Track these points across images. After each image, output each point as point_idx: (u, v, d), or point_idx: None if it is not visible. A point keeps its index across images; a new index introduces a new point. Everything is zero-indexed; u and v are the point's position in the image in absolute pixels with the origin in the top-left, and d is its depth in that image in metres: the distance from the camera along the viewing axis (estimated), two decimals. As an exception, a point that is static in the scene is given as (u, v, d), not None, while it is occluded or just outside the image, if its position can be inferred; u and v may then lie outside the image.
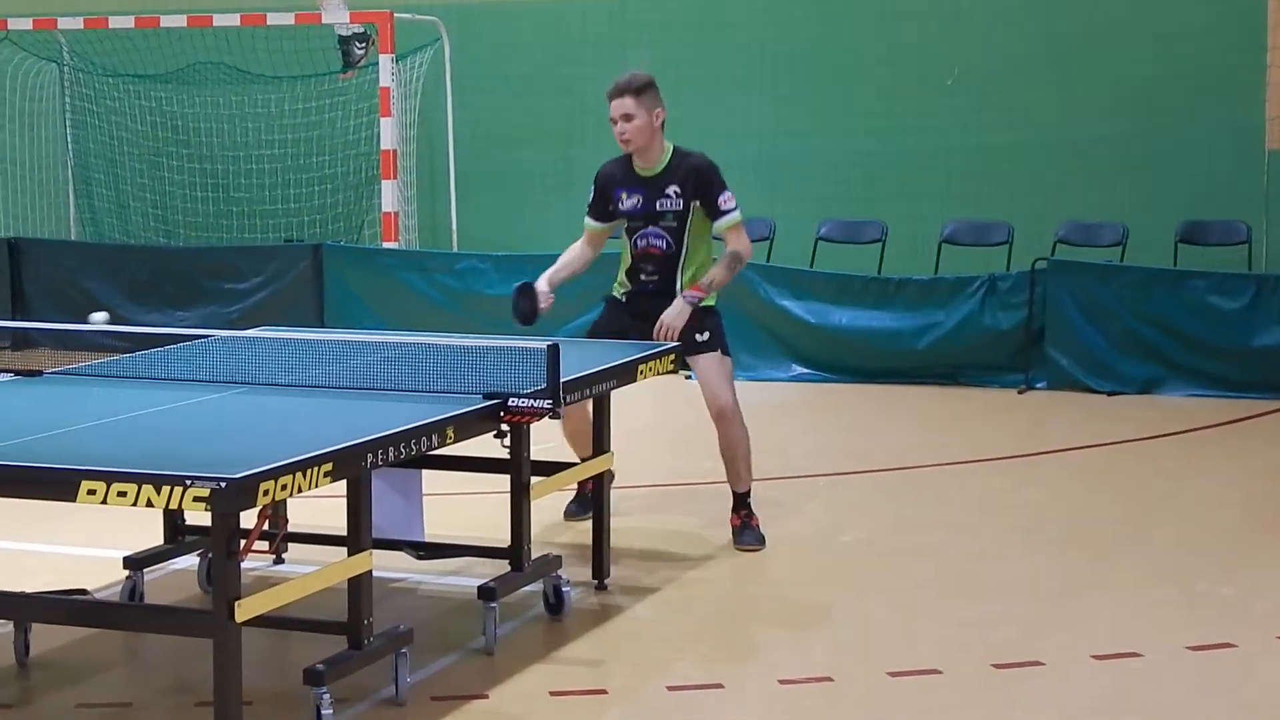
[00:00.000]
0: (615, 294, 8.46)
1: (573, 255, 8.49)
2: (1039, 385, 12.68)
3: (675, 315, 8.07)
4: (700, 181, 8.18)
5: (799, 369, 13.18)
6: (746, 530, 8.38)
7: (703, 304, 8.20)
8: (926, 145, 14.84)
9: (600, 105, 8.20)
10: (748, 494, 8.47)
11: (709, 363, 8.27)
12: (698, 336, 8.20)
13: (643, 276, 8.31)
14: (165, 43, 16.00)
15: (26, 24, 15.85)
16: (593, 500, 7.69)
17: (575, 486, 8.53)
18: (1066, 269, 12.82)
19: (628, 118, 8.10)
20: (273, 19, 15.06)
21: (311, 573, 6.09)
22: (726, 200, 8.19)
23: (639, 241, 8.26)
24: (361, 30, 15.25)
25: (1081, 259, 13.22)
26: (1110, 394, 12.43)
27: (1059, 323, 12.67)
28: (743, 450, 8.42)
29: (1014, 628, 7.15)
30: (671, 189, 8.16)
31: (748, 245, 8.32)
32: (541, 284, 8.25)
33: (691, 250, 8.25)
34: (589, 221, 8.45)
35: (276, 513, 7.13)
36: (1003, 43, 14.71)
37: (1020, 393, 12.61)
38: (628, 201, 8.24)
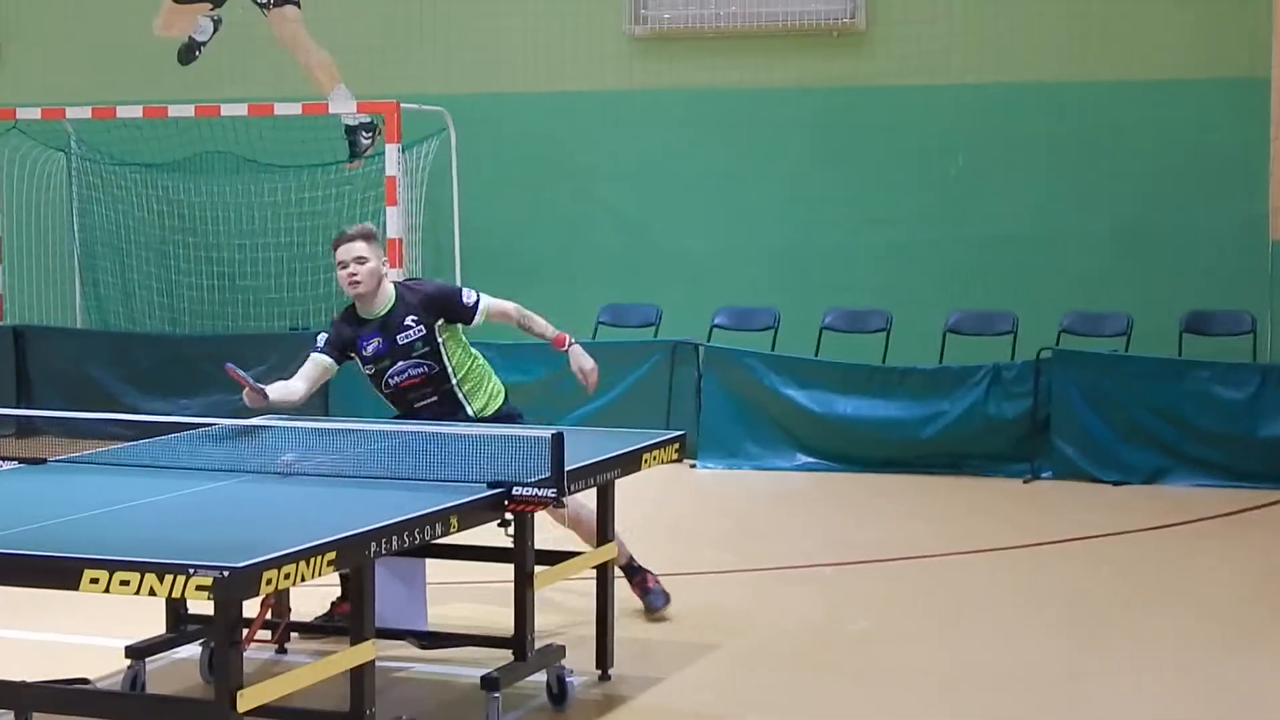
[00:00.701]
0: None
1: (287, 390, 8.25)
2: (1044, 475, 12.66)
3: (583, 356, 8.36)
4: (435, 301, 8.22)
5: (803, 458, 13.15)
6: (653, 594, 8.48)
7: (500, 409, 8.28)
8: (931, 235, 14.87)
9: (606, 195, 8.26)
10: (630, 560, 8.50)
11: None
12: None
13: (420, 405, 8.21)
14: (172, 132, 16.07)
15: (35, 113, 15.92)
16: (596, 590, 7.65)
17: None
18: (1071, 359, 12.82)
19: (360, 260, 8.08)
20: (280, 109, 15.13)
21: (314, 663, 6.07)
22: (469, 295, 8.29)
23: (393, 380, 8.20)
24: (368, 120, 15.32)
25: (1086, 349, 13.22)
26: (1116, 484, 12.40)
27: (1064, 412, 12.66)
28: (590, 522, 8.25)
29: (1019, 717, 7.10)
30: (408, 320, 8.15)
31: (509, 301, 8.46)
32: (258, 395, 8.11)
33: (457, 363, 8.25)
34: (321, 356, 8.25)
35: (279, 601, 7.11)
36: (1007, 133, 14.76)
37: (1026, 482, 12.59)
38: (369, 347, 8.19)
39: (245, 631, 5.58)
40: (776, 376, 13.22)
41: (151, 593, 5.15)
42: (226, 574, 5.08)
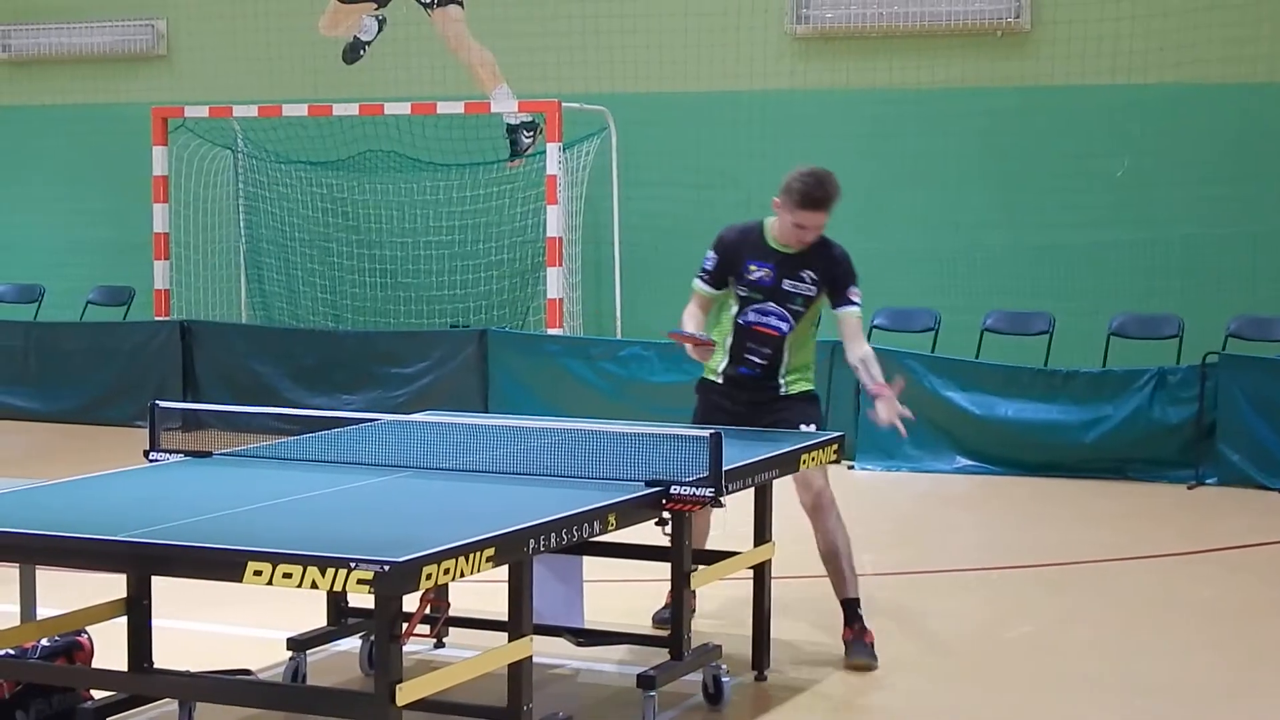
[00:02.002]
0: (710, 378, 8.11)
1: (691, 315, 8.05)
2: (1209, 481, 12.46)
3: (896, 408, 7.74)
4: (837, 271, 7.95)
5: (963, 460, 13.05)
6: (859, 646, 7.86)
7: (806, 391, 8.05)
8: (1095, 237, 14.70)
9: (767, 195, 8.11)
10: (856, 602, 7.97)
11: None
12: (803, 427, 7.99)
13: (751, 357, 7.97)
14: (337, 130, 16.27)
15: (203, 111, 16.18)
16: (753, 590, 7.62)
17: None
18: (1238, 364, 12.61)
19: (819, 228, 7.87)
20: (443, 108, 15.27)
21: (472, 657, 6.10)
22: (855, 293, 7.98)
23: (753, 316, 7.93)
24: (530, 119, 15.40)
25: (1254, 354, 13.00)
26: (1283, 491, 12.22)
27: (1230, 418, 12.45)
28: (843, 547, 7.96)
29: (1182, 729, 7.01)
30: (807, 273, 7.89)
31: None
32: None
33: (801, 339, 8.00)
34: (702, 287, 8.03)
35: (438, 596, 7.15)
36: (1173, 134, 14.57)
37: (1190, 489, 12.40)
38: (756, 273, 7.91)
39: (405, 625, 5.61)
40: (937, 378, 13.12)
41: (313, 586, 5.19)
42: (387, 568, 5.11)
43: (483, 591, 7.28)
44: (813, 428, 8.00)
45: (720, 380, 8.08)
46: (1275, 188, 14.29)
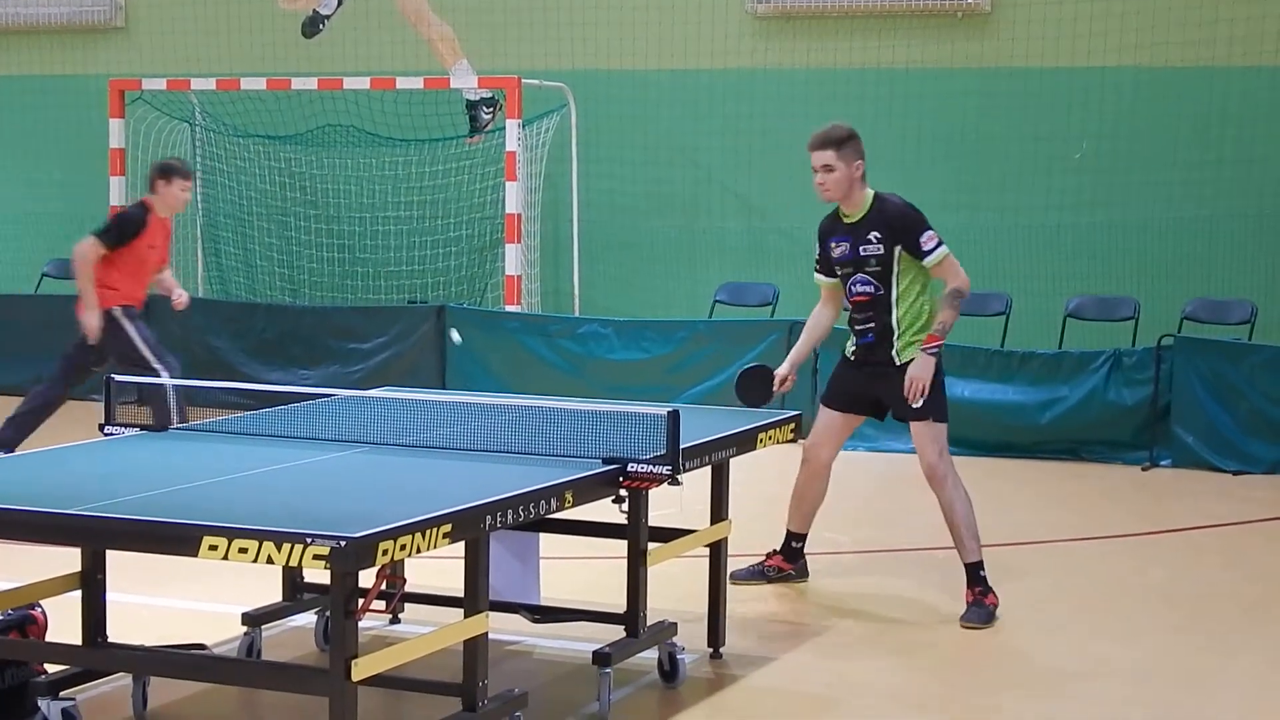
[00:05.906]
0: (846, 352, 8.65)
1: (814, 323, 8.75)
2: (1164, 463, 12.52)
3: (920, 369, 8.27)
4: (899, 226, 8.35)
5: (920, 441, 13.06)
6: (977, 608, 8.31)
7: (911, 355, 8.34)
8: (1053, 219, 14.75)
9: (726, 174, 8.19)
10: (978, 565, 8.40)
11: (919, 429, 8.43)
12: (911, 402, 8.34)
13: (857, 326, 8.49)
14: (295, 105, 16.19)
15: (160, 84, 16.08)
16: (709, 568, 7.63)
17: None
18: (1193, 346, 12.67)
19: (828, 169, 8.30)
20: (402, 83, 15.21)
21: (428, 633, 6.09)
22: (928, 239, 8.36)
23: (852, 288, 8.44)
24: (489, 95, 15.35)
25: (1209, 336, 13.06)
26: (1236, 473, 12.25)
27: (1185, 400, 12.51)
28: (960, 515, 8.42)
29: (1140, 713, 7.02)
30: (872, 234, 8.34)
31: (965, 278, 8.45)
32: (784, 369, 8.50)
33: (903, 293, 8.38)
34: (819, 278, 8.70)
35: (394, 572, 7.14)
36: (1132, 117, 14.61)
37: (1144, 470, 12.46)
38: (837, 250, 8.45)
39: (361, 601, 5.61)
40: (894, 358, 13.13)
41: (269, 561, 5.19)
42: (344, 544, 5.11)
43: (439, 568, 7.28)
44: (919, 401, 8.35)
45: (851, 356, 8.62)
46: (1232, 172, 14.35)
